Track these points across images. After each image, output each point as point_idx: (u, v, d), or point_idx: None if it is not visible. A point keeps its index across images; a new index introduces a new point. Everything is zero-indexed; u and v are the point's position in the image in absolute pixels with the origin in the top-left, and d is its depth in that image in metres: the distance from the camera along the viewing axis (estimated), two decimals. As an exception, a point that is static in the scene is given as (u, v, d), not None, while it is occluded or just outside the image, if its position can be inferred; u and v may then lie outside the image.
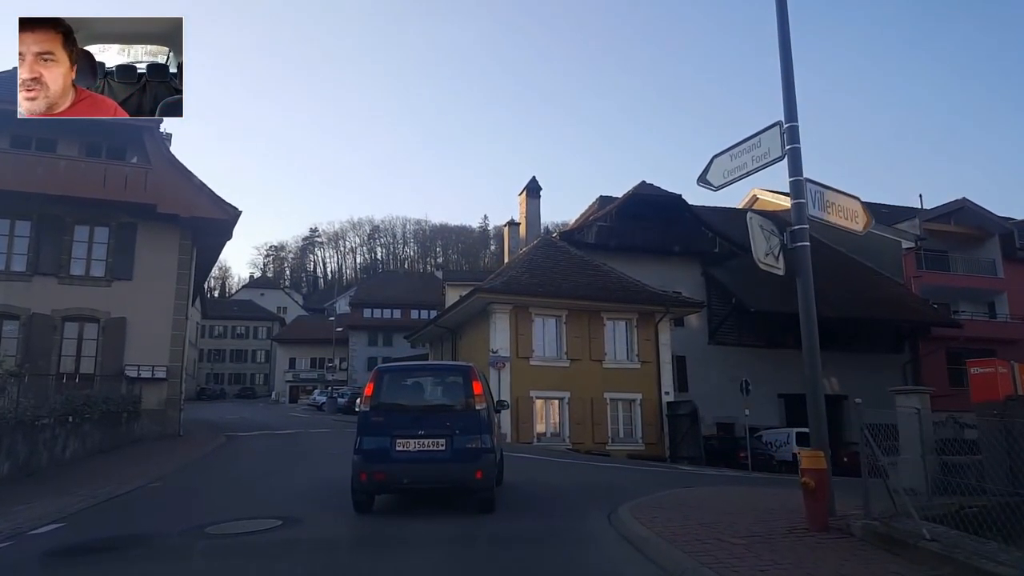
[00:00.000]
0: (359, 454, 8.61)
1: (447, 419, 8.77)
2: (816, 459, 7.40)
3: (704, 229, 33.59)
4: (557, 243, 29.44)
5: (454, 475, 8.59)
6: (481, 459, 8.60)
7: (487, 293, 24.62)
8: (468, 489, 8.75)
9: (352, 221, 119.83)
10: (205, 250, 23.20)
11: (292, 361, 69.27)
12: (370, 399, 8.92)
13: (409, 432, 8.60)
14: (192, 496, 11.30)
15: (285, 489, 11.43)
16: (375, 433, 8.68)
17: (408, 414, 8.85)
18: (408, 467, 8.51)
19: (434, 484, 8.82)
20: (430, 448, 8.54)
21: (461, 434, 8.63)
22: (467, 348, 28.37)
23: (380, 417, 8.77)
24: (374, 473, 8.49)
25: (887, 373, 35.95)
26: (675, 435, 25.92)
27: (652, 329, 26.77)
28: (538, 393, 25.13)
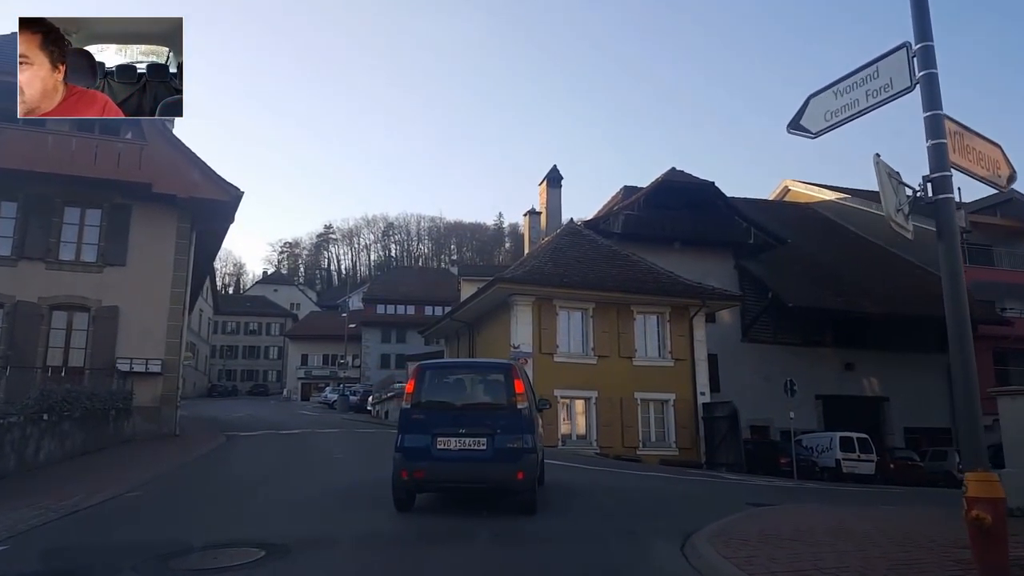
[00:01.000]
0: (400, 452, 8.44)
1: (489, 418, 8.60)
2: (990, 486, 5.43)
3: (738, 219, 31.60)
4: (583, 231, 27.55)
5: (495, 475, 8.40)
6: (523, 459, 8.38)
7: (508, 283, 22.79)
8: (509, 490, 8.55)
9: (366, 218, 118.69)
10: (206, 235, 21.45)
11: (304, 358, 67.72)
12: (411, 396, 8.75)
13: (450, 430, 8.43)
14: (170, 510, 9.51)
15: (279, 503, 9.62)
16: (416, 431, 8.50)
17: (449, 412, 8.69)
18: (448, 466, 8.35)
19: (474, 483, 8.59)
20: (471, 447, 8.37)
21: (502, 433, 8.41)
22: (486, 343, 26.55)
23: (421, 415, 8.61)
24: (414, 471, 8.31)
25: (930, 374, 33.84)
26: (712, 439, 23.99)
27: (686, 324, 24.82)
28: (563, 392, 23.27)
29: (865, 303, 31.58)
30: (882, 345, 33.11)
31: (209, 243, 22.55)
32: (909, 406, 33.04)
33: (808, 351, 32.29)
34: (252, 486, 11.28)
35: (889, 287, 33.37)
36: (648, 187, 31.03)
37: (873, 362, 32.99)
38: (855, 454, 26.15)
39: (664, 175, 31.08)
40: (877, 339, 32.99)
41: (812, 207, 41.82)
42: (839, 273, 33.65)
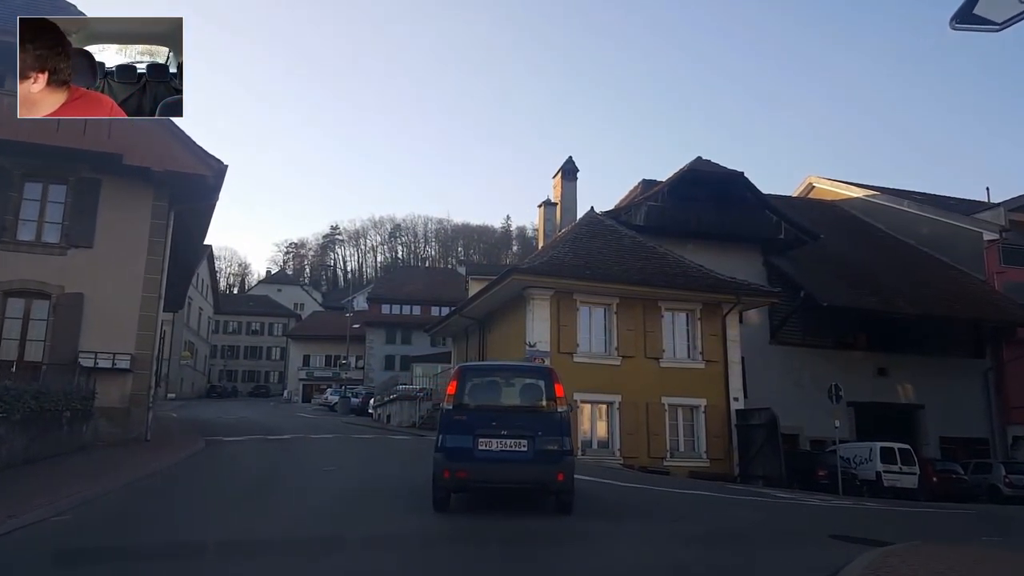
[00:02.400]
0: (441, 452, 8.49)
1: (529, 420, 8.73)
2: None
3: (768, 212, 28.95)
4: (604, 221, 24.92)
5: (535, 476, 8.59)
6: (562, 461, 8.58)
7: (524, 275, 20.20)
8: (548, 490, 8.79)
9: (373, 219, 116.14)
10: (187, 216, 18.89)
11: (306, 358, 65.05)
12: (453, 397, 8.79)
13: (492, 432, 8.51)
14: (92, 547, 6.90)
15: (239, 542, 6.98)
16: (458, 431, 8.55)
17: (491, 414, 8.73)
18: (490, 466, 8.43)
19: (515, 484, 8.80)
20: (512, 448, 8.48)
21: (543, 435, 8.56)
22: (498, 342, 23.95)
23: (463, 416, 8.67)
24: (457, 471, 8.38)
25: (966, 381, 31.36)
26: (747, 449, 21.34)
27: (719, 322, 22.21)
28: (583, 396, 20.65)
29: (901, 304, 28.95)
30: (916, 349, 30.50)
31: (192, 225, 19.96)
32: (944, 415, 30.43)
33: (840, 355, 29.70)
34: (215, 509, 8.72)
35: (924, 288, 30.78)
36: (672, 177, 28.40)
37: (907, 367, 30.37)
38: (896, 466, 23.65)
39: (689, 164, 28.45)
40: (911, 343, 30.38)
41: (838, 205, 39.20)
42: (872, 272, 31.03)
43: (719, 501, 12.27)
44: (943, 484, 24.55)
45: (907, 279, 31.18)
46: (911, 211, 36.05)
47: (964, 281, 32.12)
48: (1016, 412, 31.28)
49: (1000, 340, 31.65)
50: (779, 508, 12.64)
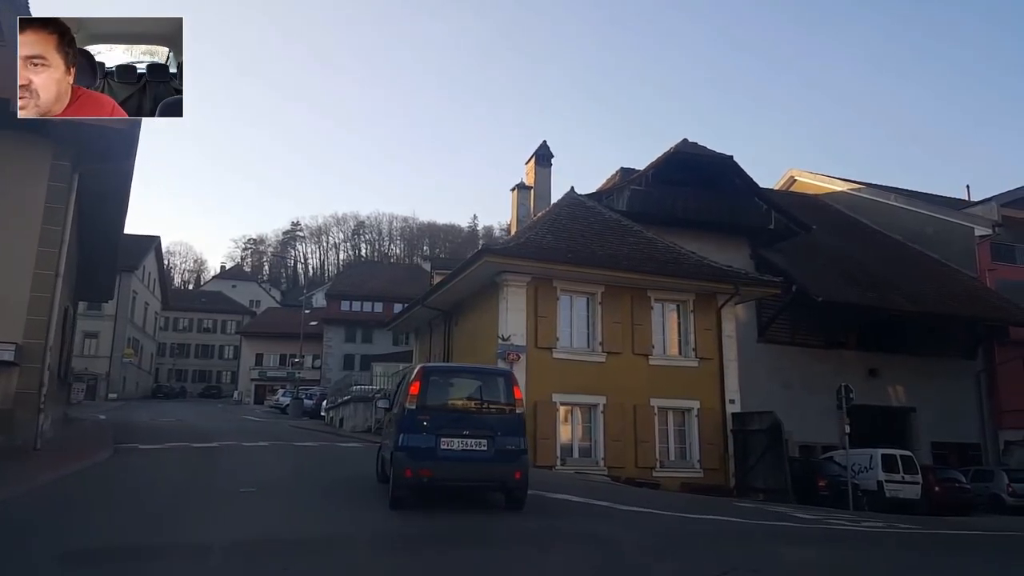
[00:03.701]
0: (403, 451, 8.50)
1: (490, 420, 8.88)
2: None
3: (758, 200, 26.64)
4: (586, 202, 22.22)
5: (495, 474, 8.77)
6: (520, 460, 8.82)
7: (497, 257, 17.35)
8: (506, 488, 8.97)
9: (336, 216, 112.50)
10: (98, 179, 15.64)
11: (259, 357, 61.05)
12: (416, 398, 8.75)
13: (454, 431, 8.60)
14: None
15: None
16: (421, 431, 8.54)
17: (453, 414, 8.84)
18: (452, 465, 8.50)
19: (476, 482, 9.00)
20: (473, 448, 8.58)
21: (503, 435, 8.71)
22: (466, 336, 21.12)
23: (426, 416, 8.64)
24: (420, 470, 8.39)
25: (958, 383, 29.52)
26: (745, 458, 18.84)
27: (713, 315, 19.68)
28: (563, 397, 17.99)
29: (899, 300, 26.84)
30: (908, 349, 28.55)
31: (107, 193, 16.71)
32: (937, 418, 28.51)
33: (830, 354, 27.59)
34: (71, 562, 5.66)
35: (918, 284, 28.81)
36: (658, 159, 25.87)
37: (898, 368, 28.37)
38: (899, 475, 21.49)
39: (675, 146, 25.95)
40: (903, 342, 28.40)
41: (821, 199, 37.18)
42: (865, 267, 28.96)
43: (751, 534, 9.61)
44: (945, 494, 22.46)
45: (900, 275, 29.19)
46: (899, 205, 34.20)
47: (957, 278, 30.28)
48: (1009, 416, 29.54)
49: (992, 341, 29.89)
50: (814, 534, 10.03)
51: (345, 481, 11.61)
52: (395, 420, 9.26)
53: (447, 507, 8.92)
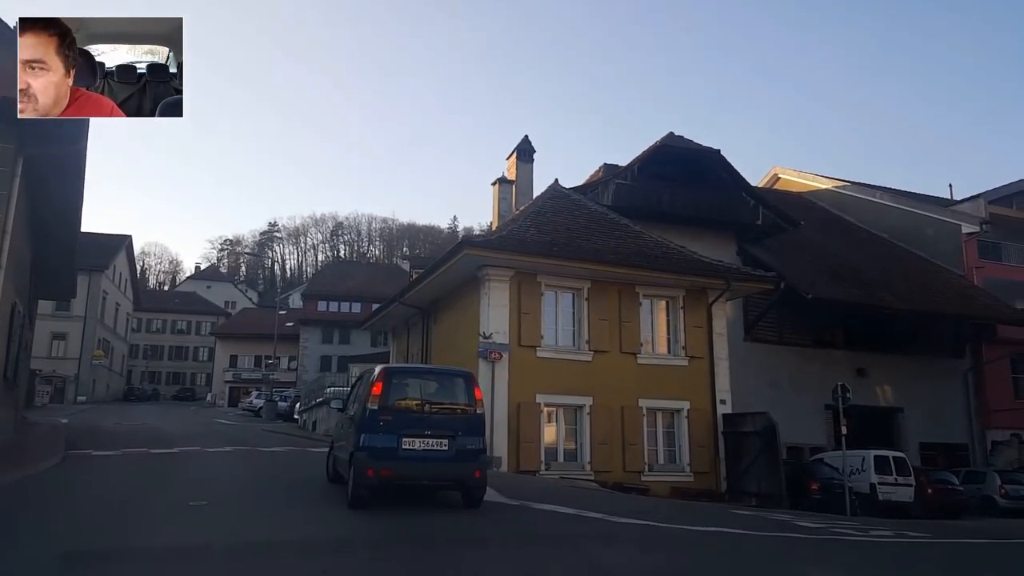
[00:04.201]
0: (364, 451, 8.47)
1: (451, 420, 8.94)
2: None
3: (745, 195, 25.79)
4: (571, 195, 21.25)
5: (456, 474, 8.85)
6: (480, 459, 8.96)
7: (479, 250, 16.29)
8: (465, 486, 9.03)
9: (314, 217, 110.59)
10: (46, 165, 14.39)
11: (233, 359, 59.36)
12: (378, 398, 8.75)
13: (416, 431, 8.64)
14: None
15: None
16: (382, 431, 8.56)
17: (414, 414, 8.86)
18: (414, 465, 8.57)
19: (437, 481, 9.06)
20: (435, 448, 8.63)
21: (463, 435, 8.81)
22: (445, 335, 20.07)
23: (388, 416, 8.66)
24: (381, 470, 8.38)
25: (945, 382, 28.87)
26: (737, 461, 17.95)
27: (703, 312, 18.79)
28: (548, 398, 16.99)
29: (887, 298, 26.17)
30: (895, 348, 27.86)
31: (56, 178, 15.43)
32: (925, 418, 27.86)
33: (818, 353, 26.84)
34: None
35: (907, 282, 28.20)
36: (643, 153, 24.94)
37: (886, 367, 27.66)
38: (892, 477, 20.71)
39: (662, 140, 25.04)
40: (890, 341, 27.70)
41: (806, 197, 36.53)
42: (852, 265, 28.31)
43: (774, 554, 8.64)
44: (938, 496, 21.78)
45: (888, 273, 28.57)
46: (885, 203, 33.64)
47: (944, 276, 29.74)
48: (996, 416, 29.00)
49: (980, 340, 29.33)
50: (830, 549, 9.11)
51: (304, 488, 10.55)
52: (355, 420, 9.18)
53: (407, 507, 8.84)
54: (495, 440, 16.09)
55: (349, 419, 9.87)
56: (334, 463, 10.66)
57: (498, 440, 16.11)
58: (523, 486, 12.62)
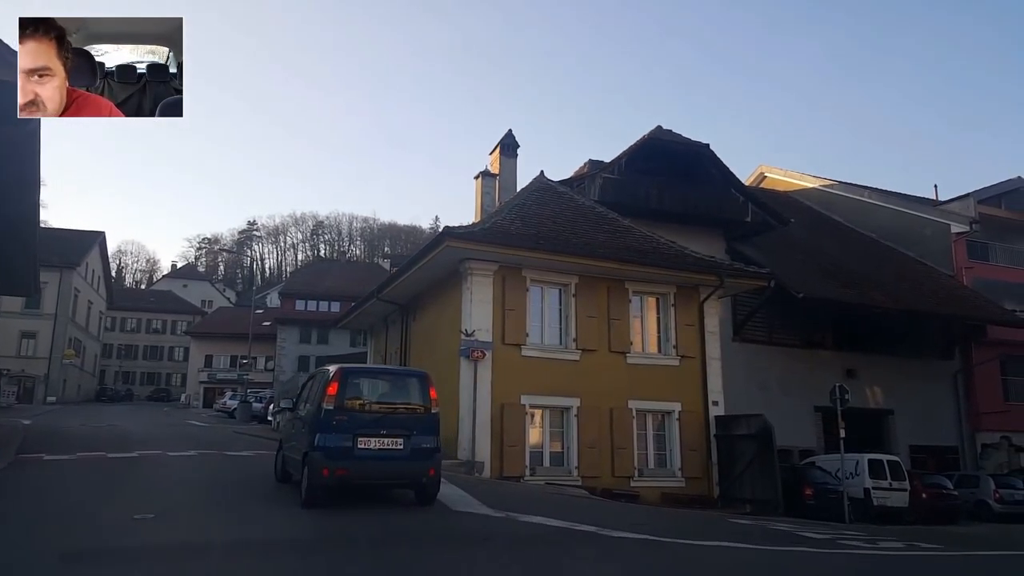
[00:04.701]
0: (320, 451, 8.47)
1: (406, 420, 9.04)
2: None
3: (734, 192, 25.02)
4: (557, 188, 20.33)
5: (410, 472, 8.98)
6: (434, 458, 9.07)
7: (460, 242, 15.27)
8: (420, 485, 9.16)
9: (294, 216, 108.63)
10: None
11: (208, 359, 57.72)
12: (334, 399, 8.74)
13: (371, 431, 8.72)
14: None
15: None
16: (338, 431, 8.60)
17: (370, 414, 8.93)
18: (369, 464, 8.66)
19: (392, 480, 9.26)
20: (390, 447, 8.73)
21: (418, 434, 8.93)
22: (425, 333, 19.08)
23: (343, 416, 8.71)
24: (336, 469, 8.41)
25: (934, 384, 28.29)
26: (731, 466, 17.11)
27: (695, 310, 17.96)
28: (533, 399, 16.05)
29: (878, 298, 25.53)
30: (885, 349, 27.21)
31: (6, 163, 14.26)
32: (914, 421, 27.23)
33: (807, 354, 26.12)
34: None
35: (894, 282, 27.58)
36: (631, 147, 24.04)
37: (875, 368, 27.00)
38: (886, 482, 20.13)
39: (650, 133, 24.15)
40: (880, 342, 27.05)
41: (792, 196, 35.88)
42: (842, 264, 27.66)
43: (782, 567, 7.74)
44: (932, 501, 21.14)
45: (877, 273, 27.95)
46: (873, 202, 33.04)
47: (933, 276, 29.17)
48: (986, 418, 28.47)
49: (969, 341, 28.80)
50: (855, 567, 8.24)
51: (265, 501, 9.55)
52: (309, 420, 9.15)
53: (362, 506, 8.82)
54: (477, 444, 15.17)
55: (301, 419, 9.77)
56: (283, 463, 10.64)
57: (480, 444, 15.18)
58: (508, 494, 11.72)
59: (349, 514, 8.52)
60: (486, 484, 13.44)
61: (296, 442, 9.67)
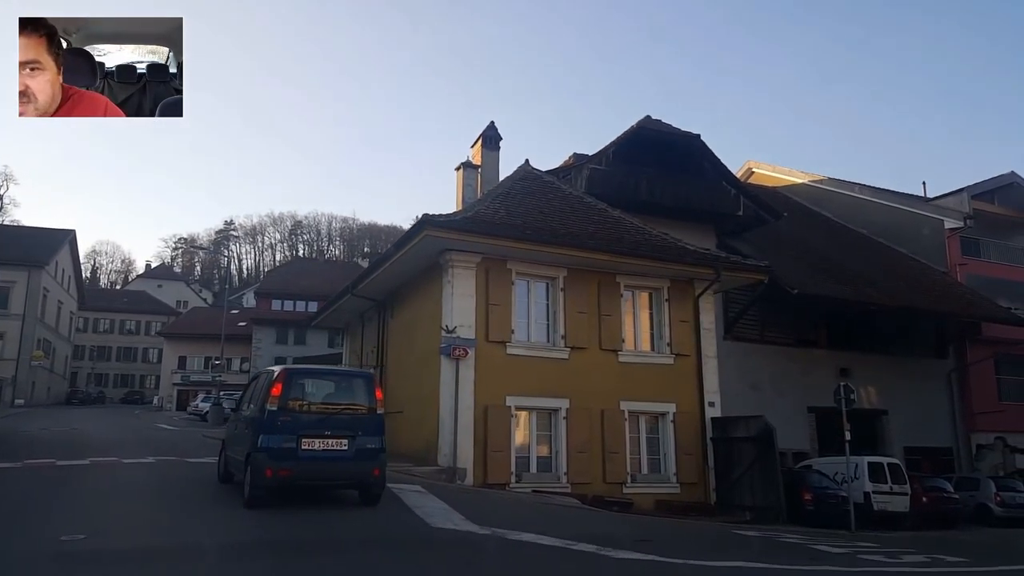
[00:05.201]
0: (263, 452, 8.39)
1: (351, 421, 9.01)
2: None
3: (726, 185, 24.01)
4: (543, 177, 19.23)
5: (355, 473, 8.96)
6: (379, 458, 9.00)
7: (442, 230, 14.06)
8: (364, 485, 9.12)
9: (272, 215, 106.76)
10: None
11: (182, 360, 55.91)
12: (278, 399, 8.62)
13: (316, 432, 8.67)
14: None
15: None
16: (281, 431, 8.51)
17: (315, 415, 8.88)
18: (313, 465, 8.62)
19: (336, 481, 9.21)
20: (334, 448, 8.71)
21: (363, 435, 8.90)
22: (403, 330, 17.87)
23: (287, 417, 8.59)
24: (280, 470, 8.37)
25: (928, 384, 27.49)
26: (728, 470, 16.07)
27: (690, 305, 16.94)
28: (519, 401, 14.92)
29: (873, 295, 24.69)
30: (879, 348, 26.39)
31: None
32: (909, 421, 26.39)
33: (800, 353, 25.20)
34: None
35: (888, 279, 26.76)
36: (619, 137, 22.94)
37: (870, 368, 26.13)
38: (887, 485, 19.14)
39: (639, 123, 23.04)
40: (873, 341, 26.25)
41: (780, 191, 35.05)
42: (835, 260, 26.81)
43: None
44: (933, 505, 20.23)
45: (870, 270, 27.13)
46: (864, 198, 32.25)
47: (927, 273, 28.41)
48: (980, 419, 27.72)
49: (964, 339, 28.05)
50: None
51: (213, 521, 8.35)
52: (253, 421, 8.96)
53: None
54: (459, 449, 14.02)
55: (245, 420, 9.56)
56: (226, 463, 10.50)
57: (463, 449, 14.03)
58: (493, 506, 10.62)
59: (296, 519, 8.10)
60: (469, 493, 12.31)
61: (239, 443, 9.46)
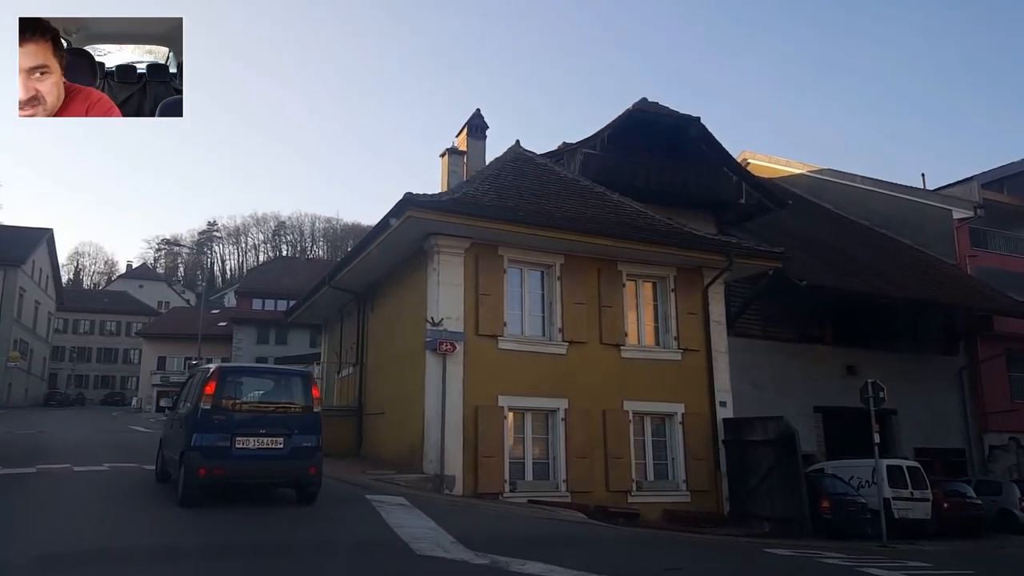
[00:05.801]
0: (196, 450, 8.33)
1: (286, 420, 8.98)
2: None
3: (727, 171, 22.56)
4: (535, 158, 17.67)
5: (290, 471, 8.90)
6: (315, 456, 8.95)
7: (426, 212, 12.43)
8: (300, 484, 9.03)
9: (255, 216, 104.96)
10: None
11: (162, 361, 54.02)
12: (211, 397, 8.62)
13: (250, 431, 8.61)
14: None
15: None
16: (215, 430, 8.50)
17: (250, 414, 8.86)
18: (248, 463, 8.58)
19: (271, 479, 9.19)
20: (269, 446, 8.65)
21: (299, 434, 8.86)
22: (385, 324, 16.24)
23: (221, 415, 8.59)
24: (213, 468, 8.36)
25: (940, 382, 26.02)
26: (744, 477, 14.55)
27: (698, 296, 15.41)
28: (513, 401, 13.34)
29: (884, 287, 23.34)
30: (886, 344, 24.95)
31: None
32: (919, 421, 24.98)
33: (804, 349, 23.74)
34: None
35: (895, 271, 25.39)
36: (614, 120, 21.41)
37: (878, 365, 24.50)
38: (907, 491, 17.69)
39: (635, 105, 21.51)
40: (881, 337, 24.81)
41: (778, 182, 33.69)
42: (838, 253, 25.42)
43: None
44: (954, 511, 18.81)
45: (876, 262, 25.75)
46: (866, 188, 30.91)
47: (935, 265, 27.07)
48: (993, 418, 26.35)
49: (975, 335, 26.70)
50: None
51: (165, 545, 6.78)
52: (187, 419, 8.87)
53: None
54: (447, 454, 12.45)
55: (180, 419, 9.42)
56: (163, 462, 10.38)
57: (451, 454, 12.48)
58: (489, 523, 9.14)
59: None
60: (459, 507, 10.78)
61: (174, 442, 9.33)
